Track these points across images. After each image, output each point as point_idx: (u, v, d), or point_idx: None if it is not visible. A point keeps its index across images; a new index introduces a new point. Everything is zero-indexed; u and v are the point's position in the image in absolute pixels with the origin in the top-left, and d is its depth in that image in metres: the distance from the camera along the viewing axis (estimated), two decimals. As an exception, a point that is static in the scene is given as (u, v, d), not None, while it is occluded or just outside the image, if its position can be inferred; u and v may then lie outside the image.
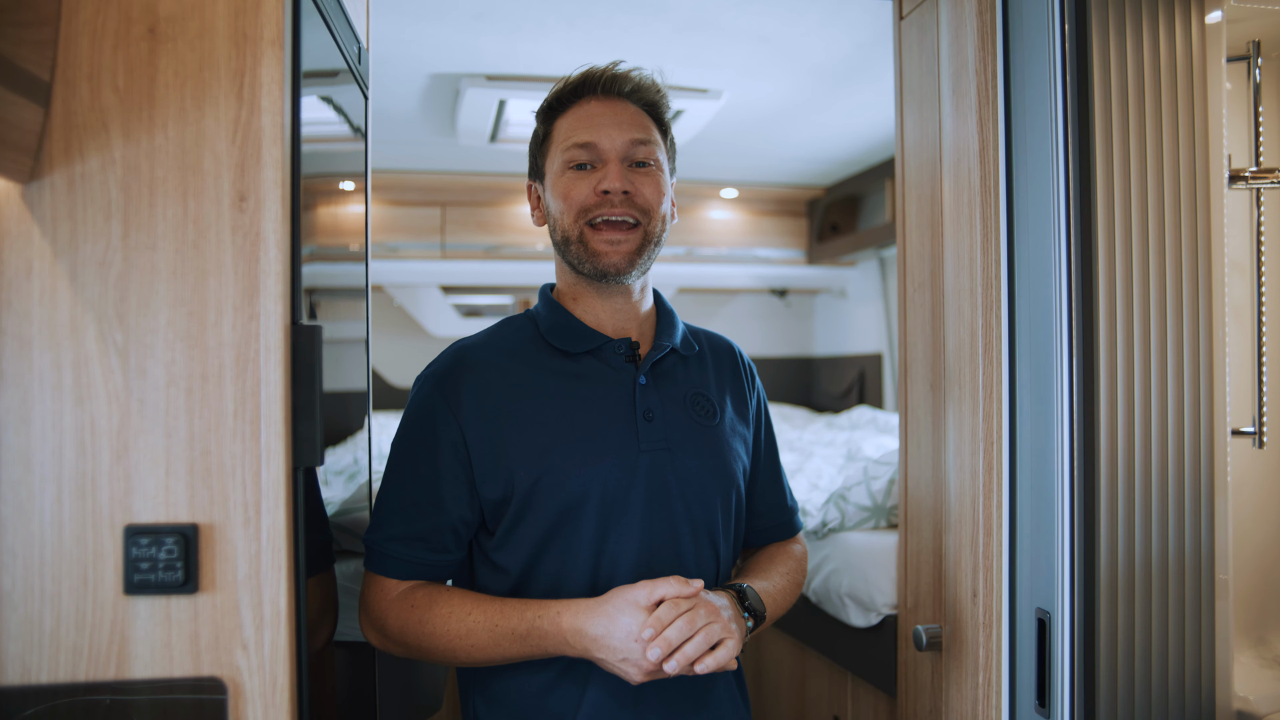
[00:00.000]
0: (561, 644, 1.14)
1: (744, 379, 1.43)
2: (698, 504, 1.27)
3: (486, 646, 1.17)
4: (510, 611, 1.17)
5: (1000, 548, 1.33)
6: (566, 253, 1.29)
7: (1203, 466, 1.28)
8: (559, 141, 1.29)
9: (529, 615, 1.16)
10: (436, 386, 1.26)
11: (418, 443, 1.25)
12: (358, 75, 1.38)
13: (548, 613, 1.15)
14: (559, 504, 1.22)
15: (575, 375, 1.28)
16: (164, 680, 0.89)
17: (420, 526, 1.23)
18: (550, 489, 1.21)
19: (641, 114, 1.31)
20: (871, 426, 3.77)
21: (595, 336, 1.29)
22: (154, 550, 0.89)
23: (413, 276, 4.29)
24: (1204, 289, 1.28)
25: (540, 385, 1.26)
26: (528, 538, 1.23)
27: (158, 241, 0.91)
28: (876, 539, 2.12)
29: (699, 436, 1.29)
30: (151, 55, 0.90)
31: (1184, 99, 1.29)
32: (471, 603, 1.20)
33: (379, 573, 1.24)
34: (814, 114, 3.30)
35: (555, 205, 1.29)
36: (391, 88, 2.95)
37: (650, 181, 1.28)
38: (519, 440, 1.23)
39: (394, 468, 1.26)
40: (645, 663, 1.09)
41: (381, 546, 1.23)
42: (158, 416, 0.90)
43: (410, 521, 1.23)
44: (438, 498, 1.23)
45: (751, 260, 4.74)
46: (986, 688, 1.34)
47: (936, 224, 1.48)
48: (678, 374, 1.33)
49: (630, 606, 1.11)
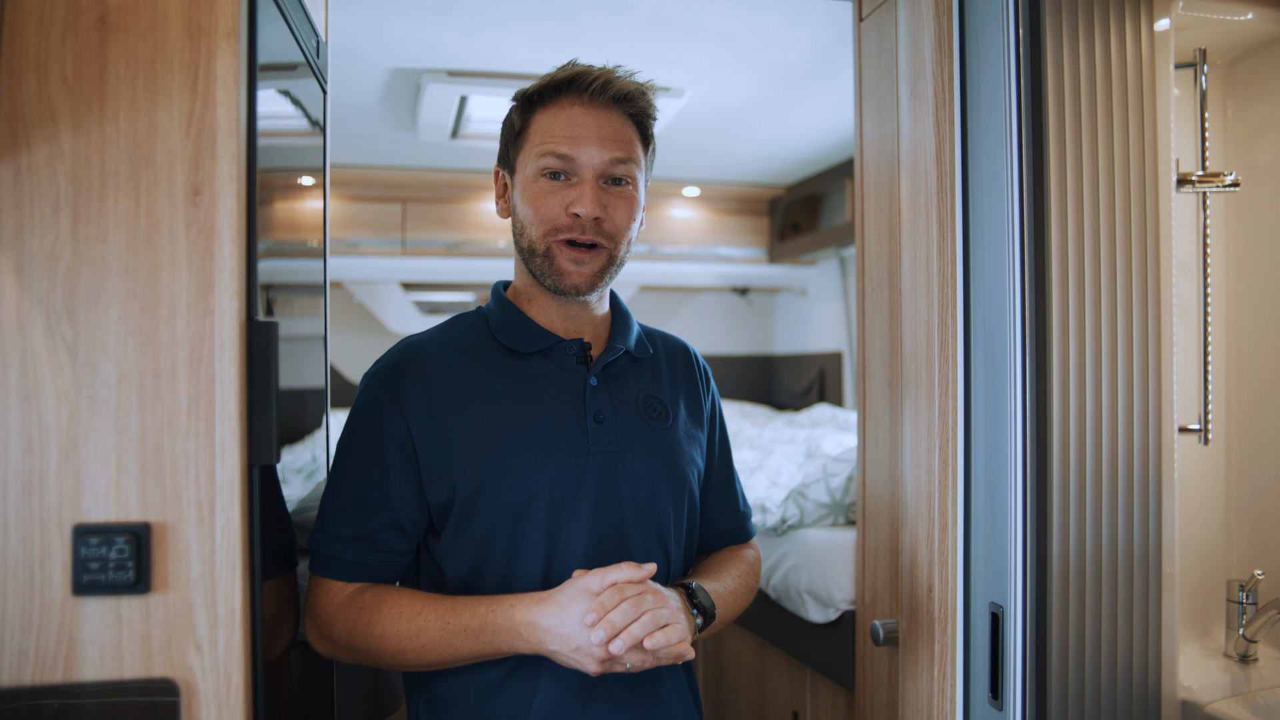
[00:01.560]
0: (515, 638, 1.12)
1: (699, 382, 1.42)
2: (648, 507, 1.26)
3: (438, 646, 1.14)
4: (462, 608, 1.15)
5: (955, 543, 1.35)
6: (530, 261, 1.26)
7: (1151, 463, 1.31)
8: (535, 140, 1.24)
9: (481, 610, 1.14)
10: (383, 384, 1.23)
11: (364, 440, 1.22)
12: (316, 69, 1.36)
13: (501, 606, 1.13)
14: (505, 505, 1.20)
15: (524, 375, 1.26)
16: (114, 683, 0.88)
17: (367, 526, 1.19)
18: (496, 490, 1.19)
19: (626, 124, 1.26)
20: (831, 424, 3.80)
21: (546, 336, 1.28)
22: (104, 550, 0.87)
23: (373, 273, 4.25)
24: (1152, 289, 1.31)
25: (488, 384, 1.24)
26: (474, 539, 1.21)
27: (109, 235, 0.89)
28: (835, 535, 2.14)
29: (651, 439, 1.28)
30: (101, 45, 0.88)
31: (1134, 104, 1.31)
32: (421, 601, 1.17)
33: (324, 575, 1.20)
34: (776, 113, 3.32)
35: (524, 211, 1.25)
36: (352, 82, 2.92)
37: (623, 204, 1.24)
38: (465, 440, 1.20)
39: (339, 467, 1.23)
40: (598, 651, 1.07)
41: (327, 548, 1.19)
42: (108, 414, 0.89)
43: (357, 521, 1.19)
44: (385, 496, 1.20)
45: (713, 259, 4.76)
46: (942, 681, 1.36)
47: (894, 224, 1.50)
48: (630, 376, 1.32)
49: (582, 594, 1.10)
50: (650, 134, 1.32)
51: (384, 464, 1.20)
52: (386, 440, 1.20)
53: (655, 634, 1.08)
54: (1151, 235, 1.32)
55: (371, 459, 1.21)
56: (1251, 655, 1.59)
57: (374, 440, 1.21)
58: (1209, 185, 1.63)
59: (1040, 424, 1.25)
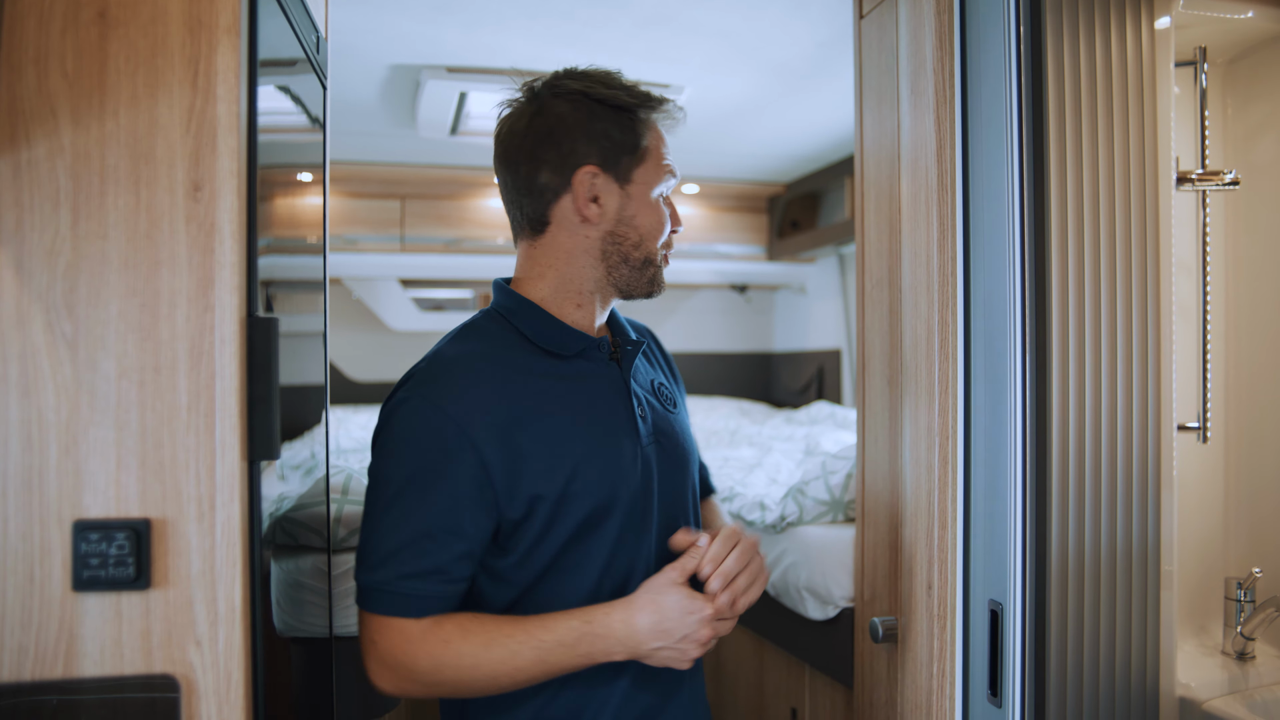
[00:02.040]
0: (612, 644, 1.13)
1: (667, 357, 1.50)
2: (687, 490, 1.32)
3: (532, 666, 1.13)
4: (553, 624, 1.14)
5: (955, 541, 1.35)
6: (640, 271, 1.28)
7: (1149, 461, 1.31)
8: (657, 159, 1.27)
9: (574, 623, 1.14)
10: (437, 406, 1.14)
11: (425, 470, 1.14)
12: (316, 65, 1.36)
13: (594, 615, 1.14)
14: (586, 510, 1.18)
15: (572, 377, 1.24)
16: (114, 679, 0.88)
17: (439, 559, 1.14)
18: (579, 496, 1.18)
19: None
20: (830, 422, 3.80)
21: (583, 337, 1.26)
22: (104, 546, 0.87)
23: (372, 269, 4.24)
24: (1152, 288, 1.32)
25: (543, 391, 1.21)
26: (549, 549, 1.19)
27: (109, 231, 0.89)
28: (834, 533, 2.14)
29: (673, 426, 1.33)
30: (102, 40, 0.88)
31: (1134, 102, 1.31)
32: (507, 624, 1.15)
33: (395, 614, 1.13)
34: (775, 111, 3.32)
35: (648, 224, 1.26)
36: (351, 78, 2.92)
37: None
38: (538, 451, 1.16)
39: (395, 499, 1.15)
40: (703, 633, 1.14)
41: (395, 586, 1.13)
42: (108, 409, 0.88)
43: (425, 556, 1.13)
44: (457, 525, 1.14)
45: (712, 256, 4.76)
46: (941, 678, 1.36)
47: (894, 221, 1.50)
48: (641, 367, 1.36)
49: (669, 586, 1.15)
50: None
51: (454, 493, 1.14)
52: (453, 466, 1.14)
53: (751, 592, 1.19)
54: (1151, 233, 1.32)
55: (437, 489, 1.14)
56: (1249, 653, 1.59)
57: (438, 469, 1.14)
58: (1209, 183, 1.63)
59: (1040, 421, 1.25)
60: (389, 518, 1.14)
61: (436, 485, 1.14)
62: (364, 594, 1.15)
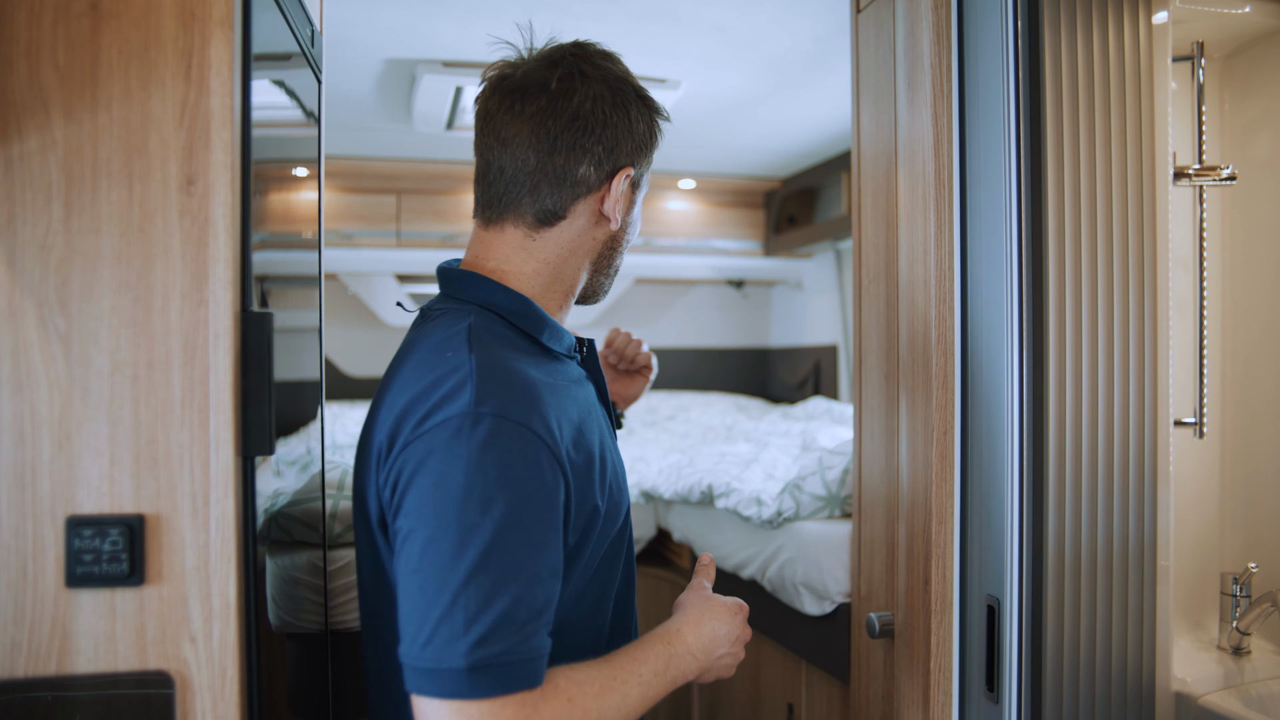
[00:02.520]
0: (689, 663, 1.10)
1: None
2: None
3: (637, 703, 1.01)
4: (641, 654, 1.05)
5: (952, 536, 1.35)
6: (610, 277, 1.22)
7: (1146, 456, 1.31)
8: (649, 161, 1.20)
9: (660, 648, 1.07)
10: (532, 428, 0.96)
11: (528, 505, 0.93)
12: (310, 59, 1.35)
13: (671, 637, 1.10)
14: (614, 531, 1.10)
15: (572, 380, 1.14)
16: (108, 675, 0.87)
17: (551, 610, 0.95)
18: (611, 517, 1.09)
19: None
20: (827, 417, 3.80)
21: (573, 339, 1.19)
22: (98, 542, 0.87)
23: (368, 265, 4.23)
24: (1149, 283, 1.31)
25: (571, 398, 1.09)
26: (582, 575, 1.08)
27: (101, 225, 0.88)
28: (831, 528, 2.14)
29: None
30: (94, 32, 0.87)
31: (1131, 97, 1.31)
32: (606, 666, 1.01)
33: (522, 688, 0.90)
34: (772, 106, 3.31)
35: (634, 231, 1.21)
36: (346, 72, 2.90)
37: None
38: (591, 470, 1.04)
39: (500, 546, 0.91)
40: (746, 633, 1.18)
41: (518, 653, 0.90)
42: (101, 404, 0.88)
43: (540, 608, 0.93)
44: (559, 565, 0.97)
45: (709, 251, 4.75)
46: (938, 673, 1.36)
47: (891, 216, 1.49)
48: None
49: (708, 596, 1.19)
50: None
51: (557, 527, 0.97)
52: (557, 498, 0.97)
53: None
54: (1148, 228, 1.31)
55: (544, 527, 0.95)
56: (1245, 648, 1.60)
57: (540, 503, 0.95)
58: (1206, 179, 1.63)
59: (1037, 417, 1.25)
60: (492, 573, 0.90)
61: (543, 521, 0.95)
62: (466, 678, 0.88)
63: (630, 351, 1.56)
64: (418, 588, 0.90)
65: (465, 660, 0.87)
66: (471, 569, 0.89)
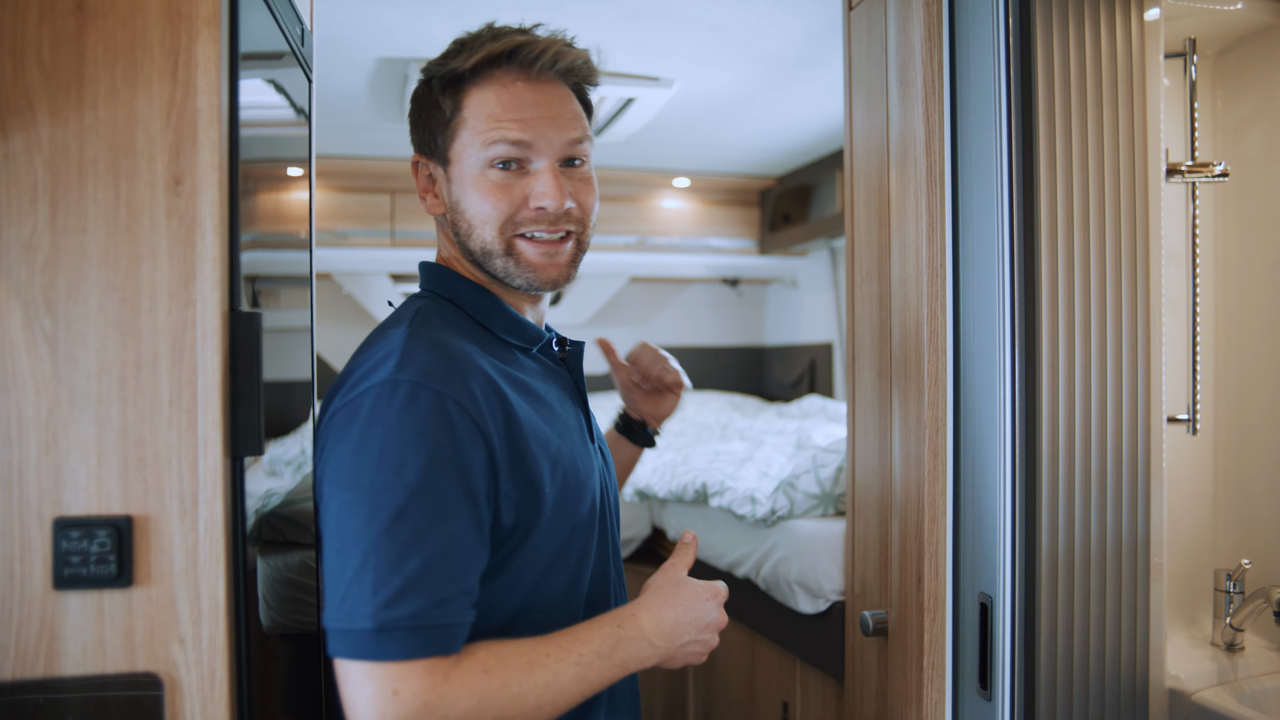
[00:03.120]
0: (645, 648, 1.04)
1: None
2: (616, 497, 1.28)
3: (573, 685, 0.98)
4: (585, 635, 1.01)
5: (944, 534, 1.35)
6: (487, 264, 1.11)
7: (1139, 453, 1.31)
8: (477, 128, 1.08)
9: (607, 629, 1.03)
10: (446, 391, 0.96)
11: (441, 470, 0.94)
12: (300, 57, 1.35)
13: (623, 619, 1.05)
14: (578, 517, 1.09)
15: (539, 374, 1.14)
16: (96, 677, 0.87)
17: (468, 578, 0.95)
18: (572, 503, 1.07)
19: (571, 96, 1.13)
20: (822, 415, 3.80)
21: (541, 332, 1.18)
22: (85, 543, 0.86)
23: (362, 264, 4.22)
24: (1141, 280, 1.31)
25: (526, 385, 1.08)
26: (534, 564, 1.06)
27: (88, 225, 0.88)
28: (824, 526, 2.14)
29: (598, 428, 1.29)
30: (79, 30, 0.87)
31: (1123, 93, 1.31)
32: (540, 644, 0.99)
33: (432, 654, 0.90)
34: (766, 103, 3.31)
35: (475, 210, 1.09)
36: (338, 71, 2.90)
37: (585, 186, 1.13)
38: (536, 451, 1.03)
39: (410, 510, 0.92)
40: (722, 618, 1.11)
41: (429, 618, 0.90)
42: (89, 405, 0.87)
43: (455, 576, 0.93)
44: (481, 535, 0.97)
45: (703, 250, 4.75)
46: (931, 671, 1.36)
47: (884, 214, 1.49)
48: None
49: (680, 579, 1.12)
50: (590, 101, 1.19)
51: (474, 496, 0.96)
52: (472, 465, 0.96)
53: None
54: (1141, 225, 1.31)
55: (458, 493, 0.95)
56: (1238, 644, 1.60)
57: (455, 467, 0.95)
58: (1198, 175, 1.63)
59: (1029, 414, 1.25)
60: (400, 535, 0.91)
61: (456, 486, 0.95)
62: (374, 639, 0.89)
63: (656, 370, 1.45)
64: (335, 551, 0.93)
65: (373, 621, 0.89)
66: (381, 531, 0.91)
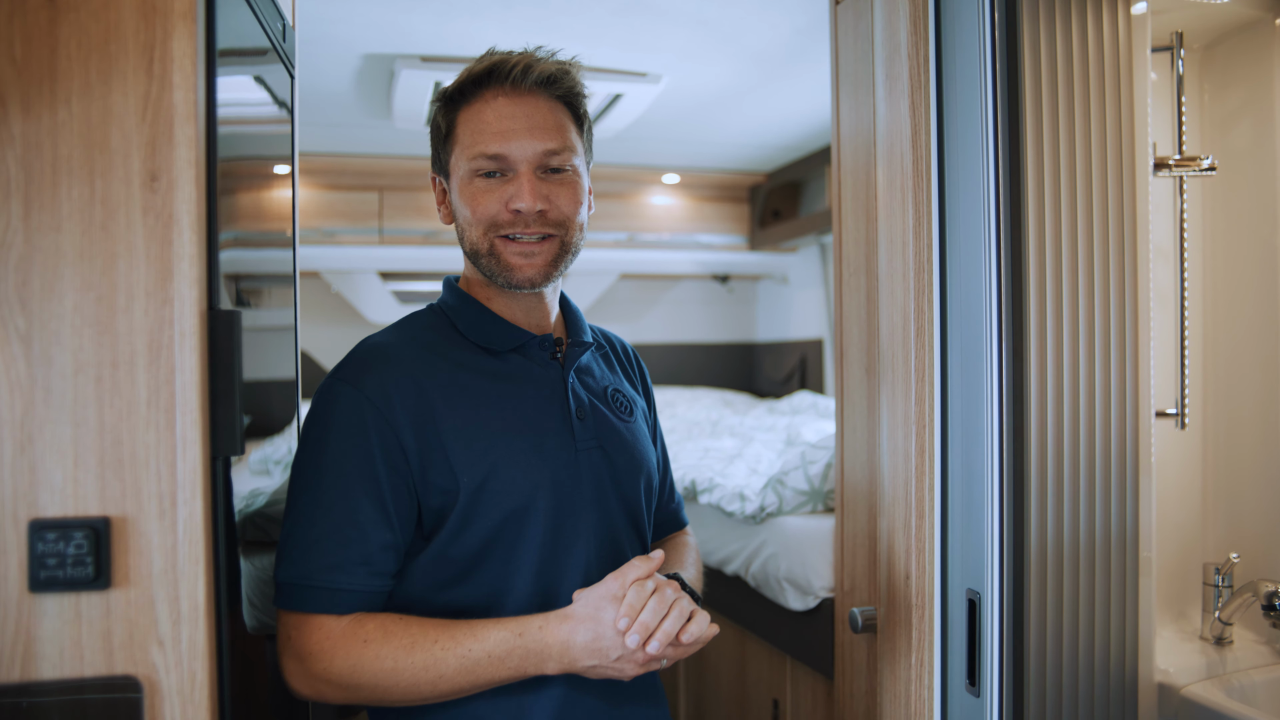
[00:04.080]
0: (544, 661, 1.07)
1: (639, 375, 1.44)
2: (632, 501, 1.26)
3: (456, 676, 1.07)
4: (482, 633, 1.08)
5: (933, 530, 1.34)
6: (476, 262, 1.22)
7: (1128, 448, 1.31)
8: (465, 142, 1.20)
9: (505, 635, 1.08)
10: (360, 390, 1.13)
11: (346, 454, 1.11)
12: (282, 53, 1.33)
13: (528, 628, 1.08)
14: (505, 510, 1.14)
15: (505, 375, 1.21)
16: (74, 681, 0.86)
17: (362, 549, 1.09)
18: (497, 494, 1.14)
19: (557, 108, 1.21)
20: (812, 411, 3.80)
21: (520, 333, 1.24)
22: (62, 545, 0.85)
23: (350, 262, 4.20)
24: (1129, 274, 1.31)
25: (470, 385, 1.18)
26: (467, 548, 1.15)
27: (62, 223, 0.86)
28: (814, 523, 2.14)
29: (623, 433, 1.28)
30: (51, 25, 0.85)
31: (1110, 88, 1.31)
32: (434, 629, 1.09)
33: (315, 610, 1.08)
34: (755, 99, 3.30)
35: (462, 214, 1.22)
36: (324, 68, 2.88)
37: (566, 191, 1.20)
38: (458, 445, 1.13)
39: (315, 487, 1.11)
40: (640, 655, 1.05)
41: (316, 579, 1.08)
42: (65, 406, 0.86)
43: (348, 545, 1.09)
44: (380, 515, 1.11)
45: (694, 246, 4.74)
46: (919, 668, 1.35)
47: (871, 209, 1.49)
48: (595, 371, 1.32)
49: (608, 600, 1.07)
50: (583, 113, 1.27)
51: (376, 479, 1.11)
52: (376, 452, 1.11)
53: (689, 626, 1.07)
54: (1129, 219, 1.31)
55: (359, 475, 1.10)
56: (1227, 638, 1.60)
57: (360, 454, 1.11)
58: (1186, 169, 1.63)
59: (1017, 409, 1.25)
60: (310, 506, 1.10)
61: (358, 473, 1.10)
62: (282, 591, 1.09)
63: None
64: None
65: (283, 575, 1.09)
66: (296, 503, 1.11)
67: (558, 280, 1.26)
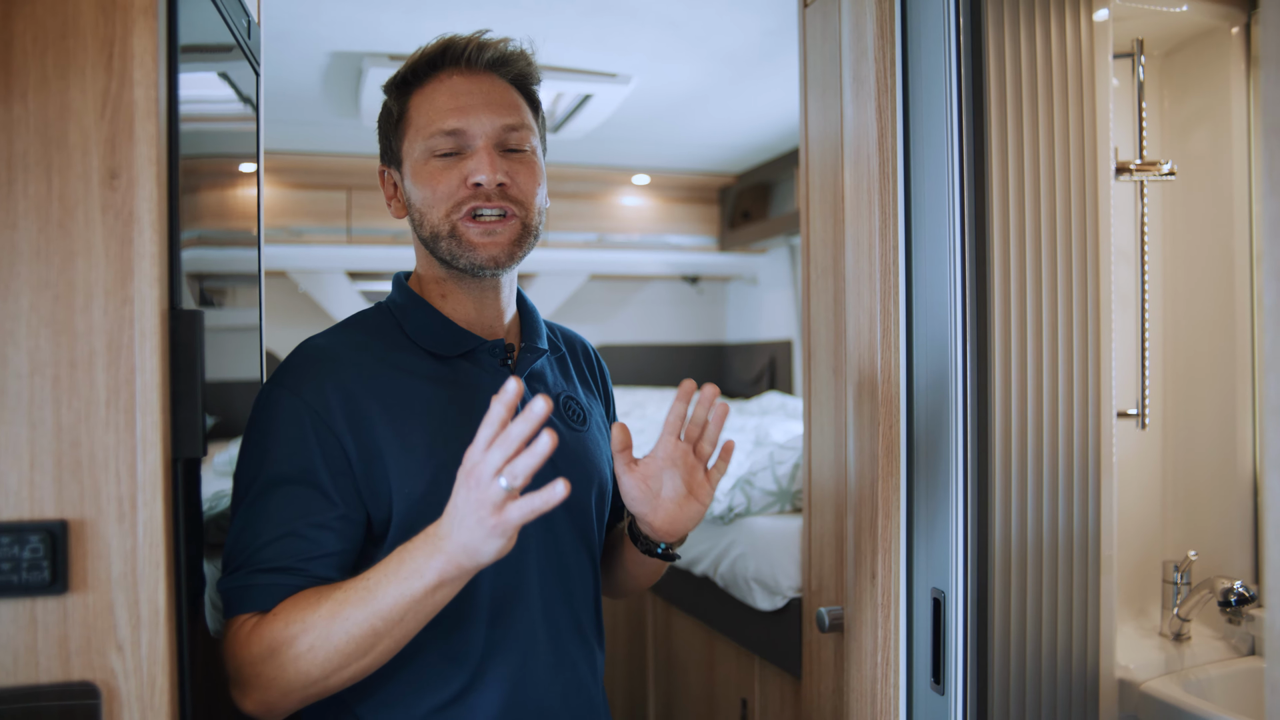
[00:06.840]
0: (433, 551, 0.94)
1: (598, 377, 1.40)
2: (579, 512, 1.22)
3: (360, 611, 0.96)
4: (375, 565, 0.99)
5: (898, 529, 1.35)
6: (436, 248, 1.17)
7: (1090, 448, 1.33)
8: (419, 124, 1.16)
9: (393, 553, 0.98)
10: (299, 396, 1.08)
11: (289, 462, 1.06)
12: (247, 50, 1.32)
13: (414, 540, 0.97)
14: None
15: (450, 381, 1.17)
16: (29, 688, 0.84)
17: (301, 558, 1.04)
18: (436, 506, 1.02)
19: (511, 90, 1.19)
20: (781, 412, 3.82)
21: (469, 338, 1.19)
22: (16, 549, 0.83)
23: (318, 262, 4.16)
24: (1091, 277, 1.33)
25: (413, 391, 1.14)
26: None
27: (18, 220, 0.85)
28: (781, 523, 2.15)
29: (574, 443, 1.24)
30: (5, 18, 0.84)
31: (1073, 93, 1.33)
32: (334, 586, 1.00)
33: (244, 610, 1.02)
34: (725, 100, 3.32)
35: (419, 197, 1.16)
36: (291, 65, 2.85)
37: (525, 169, 1.17)
38: (397, 453, 1.09)
39: (257, 497, 1.06)
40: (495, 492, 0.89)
41: (246, 581, 1.03)
42: (20, 407, 0.84)
43: (287, 554, 1.04)
44: (328, 519, 1.06)
45: (663, 247, 4.75)
46: (885, 667, 1.36)
47: (838, 210, 1.50)
48: (548, 378, 1.28)
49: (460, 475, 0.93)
50: (537, 100, 1.25)
51: (319, 485, 1.06)
52: (318, 459, 1.07)
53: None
54: (1091, 223, 1.33)
55: (299, 481, 1.06)
56: (1185, 634, 1.63)
57: (303, 461, 1.06)
58: (1146, 174, 1.66)
59: (981, 410, 1.26)
60: (251, 517, 1.05)
61: (303, 477, 1.06)
62: (225, 599, 1.04)
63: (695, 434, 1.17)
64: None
65: (221, 585, 1.05)
66: (237, 513, 1.07)
67: (514, 270, 1.21)
